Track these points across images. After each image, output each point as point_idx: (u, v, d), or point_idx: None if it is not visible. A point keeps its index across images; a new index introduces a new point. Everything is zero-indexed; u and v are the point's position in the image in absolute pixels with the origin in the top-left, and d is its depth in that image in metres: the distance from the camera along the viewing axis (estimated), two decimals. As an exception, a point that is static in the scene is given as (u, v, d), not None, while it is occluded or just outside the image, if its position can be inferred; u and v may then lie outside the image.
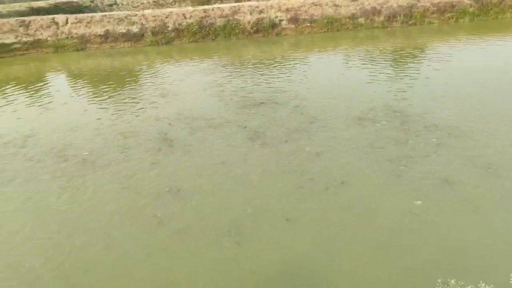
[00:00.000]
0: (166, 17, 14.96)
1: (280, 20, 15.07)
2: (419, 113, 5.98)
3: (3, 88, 9.69)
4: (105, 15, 15.34)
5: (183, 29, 14.69)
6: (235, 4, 15.91)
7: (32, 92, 9.18)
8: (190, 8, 15.83)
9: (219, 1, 22.94)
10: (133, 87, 8.96)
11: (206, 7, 15.98)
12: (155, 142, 5.62)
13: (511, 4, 15.42)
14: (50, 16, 15.43)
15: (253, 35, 14.84)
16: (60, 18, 15.19)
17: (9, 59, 13.77)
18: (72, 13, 19.27)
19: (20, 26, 14.60)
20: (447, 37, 12.71)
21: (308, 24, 15.05)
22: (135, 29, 14.71)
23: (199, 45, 14.29)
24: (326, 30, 14.96)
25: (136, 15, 15.14)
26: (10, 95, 8.98)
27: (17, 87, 9.82)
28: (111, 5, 23.73)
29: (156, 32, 14.58)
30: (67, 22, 14.91)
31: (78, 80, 10.24)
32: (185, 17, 14.95)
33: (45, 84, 10.16)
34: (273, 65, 10.15)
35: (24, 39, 14.40)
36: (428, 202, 3.94)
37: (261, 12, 15.19)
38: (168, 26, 14.76)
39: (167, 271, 3.28)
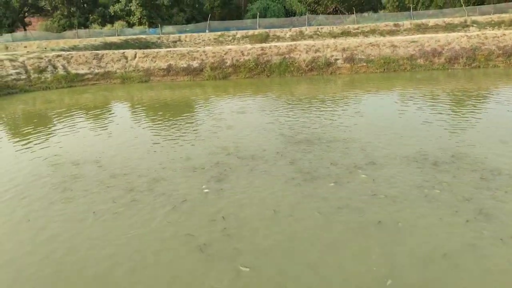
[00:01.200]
0: (225, 54, 15.72)
1: (336, 59, 15.21)
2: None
3: (74, 113, 10.58)
4: (170, 50, 16.47)
5: (240, 65, 15.30)
6: (292, 43, 16.39)
7: (99, 118, 9.92)
8: (249, 46, 16.54)
9: (275, 40, 23.77)
10: (189, 117, 9.38)
11: (263, 45, 16.62)
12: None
13: None
14: (121, 51, 16.86)
15: (308, 73, 15.07)
16: (129, 52, 16.54)
17: (81, 87, 15.08)
18: (140, 48, 20.91)
19: (93, 59, 16.06)
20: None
21: (364, 64, 15.03)
22: (195, 64, 15.58)
23: (254, 80, 14.75)
24: (383, 70, 14.82)
25: (197, 51, 16.08)
26: (79, 120, 9.77)
27: (85, 112, 10.68)
28: (175, 41, 25.45)
29: (214, 67, 15.32)
30: (135, 57, 16.17)
31: (138, 110, 10.93)
32: (242, 54, 15.61)
33: (108, 113, 10.95)
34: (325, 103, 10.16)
35: (96, 71, 15.77)
36: None
37: (317, 51, 15.47)
38: (226, 62, 15.47)
39: None
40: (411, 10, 31.17)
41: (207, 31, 30.17)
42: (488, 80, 12.63)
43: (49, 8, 45.95)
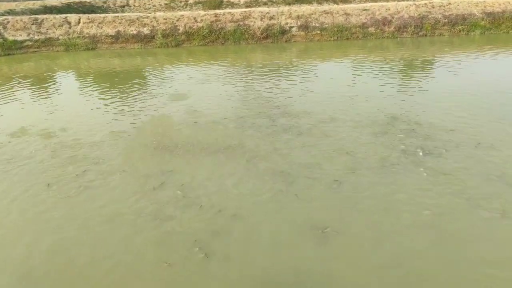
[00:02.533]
0: (177, 20, 15.12)
1: (291, 27, 15.15)
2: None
3: (12, 84, 9.85)
4: (117, 16, 15.55)
5: (193, 33, 14.83)
6: (246, 10, 16.05)
7: (40, 89, 9.32)
8: (202, 12, 15.99)
9: (229, 7, 23.14)
10: (139, 87, 9.08)
11: (217, 11, 16.13)
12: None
13: (523, 19, 15.38)
14: (63, 15, 15.67)
15: (262, 41, 14.93)
16: (72, 17, 15.42)
17: (20, 56, 13.98)
18: (84, 13, 19.54)
19: (32, 24, 14.84)
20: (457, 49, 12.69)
21: (318, 32, 15.11)
22: (146, 30, 14.87)
23: (208, 48, 14.41)
24: (336, 38, 15.00)
25: (147, 17, 15.32)
26: (17, 91, 9.13)
27: (24, 83, 9.97)
28: (123, 6, 24.02)
29: (166, 34, 14.73)
30: (79, 22, 15.13)
31: (86, 79, 10.38)
32: (196, 21, 15.10)
33: (51, 82, 10.31)
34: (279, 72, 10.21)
35: (36, 37, 14.63)
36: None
37: (271, 18, 15.29)
38: (179, 29, 14.91)
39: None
40: (364, -23, 31.38)
41: (157, -5, 28.65)
42: (434, 49, 13.22)
43: (-23, -34, 41.24)
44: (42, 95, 8.82)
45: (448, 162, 4.88)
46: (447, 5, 15.82)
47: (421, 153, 5.11)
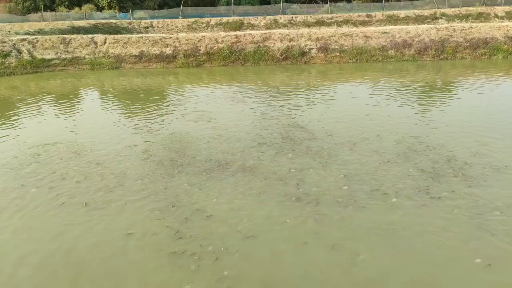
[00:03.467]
0: (199, 41, 15.48)
1: (310, 49, 15.29)
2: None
3: (38, 99, 10.18)
4: (141, 36, 16.03)
5: (214, 53, 15.12)
6: (266, 31, 16.32)
7: (66, 105, 9.59)
8: (222, 33, 16.33)
9: (250, 28, 23.59)
10: (159, 105, 9.23)
11: (237, 33, 16.45)
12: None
13: (548, 43, 15.10)
14: (90, 36, 16.27)
15: (282, 62, 15.08)
16: (99, 37, 15.99)
17: (47, 73, 14.49)
18: (110, 33, 20.25)
19: (61, 44, 15.44)
20: (479, 73, 12.50)
21: (338, 54, 15.18)
22: (168, 51, 15.26)
23: (228, 68, 14.63)
24: (355, 60, 15.03)
25: (170, 38, 15.75)
26: (43, 106, 9.42)
27: (49, 99, 10.29)
28: (147, 27, 24.80)
29: (188, 54, 15.06)
30: (105, 42, 15.66)
31: (108, 97, 10.64)
32: (217, 42, 15.42)
33: (76, 100, 10.61)
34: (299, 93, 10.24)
35: (64, 56, 15.17)
36: None
37: (291, 40, 15.48)
38: (200, 50, 15.24)
39: None
40: (383, 1, 31.64)
41: (180, 17, 29.54)
42: (455, 72, 13.06)
43: (12, -11, 43.52)
44: (66, 111, 9.06)
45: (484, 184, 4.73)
46: (468, 28, 15.71)
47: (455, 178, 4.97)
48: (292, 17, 25.01)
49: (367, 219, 4.20)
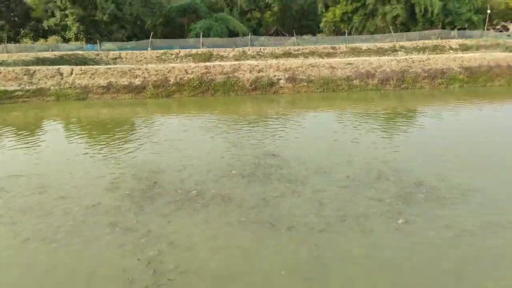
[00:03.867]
0: (168, 72, 15.51)
1: (279, 79, 15.65)
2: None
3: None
4: (110, 67, 15.89)
5: (184, 84, 15.16)
6: (236, 62, 16.62)
7: (26, 138, 9.22)
8: (192, 64, 16.49)
9: (219, 59, 23.95)
10: (126, 136, 9.05)
11: (207, 64, 16.67)
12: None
13: (498, 73, 16.24)
14: (56, 67, 15.95)
15: (252, 92, 15.31)
16: (65, 69, 15.70)
17: (9, 105, 13.97)
18: (77, 64, 19.94)
19: (24, 75, 15.02)
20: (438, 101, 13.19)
21: (305, 84, 15.62)
22: (137, 81, 15.16)
23: (199, 99, 14.67)
24: (322, 90, 15.50)
25: (139, 68, 15.70)
26: (3, 140, 9.01)
27: (12, 132, 9.87)
28: (115, 58, 24.64)
29: (157, 85, 15.02)
30: (71, 73, 15.38)
31: (74, 128, 10.35)
32: (186, 72, 15.50)
33: (40, 131, 10.24)
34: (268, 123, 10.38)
35: (27, 87, 14.73)
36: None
37: (260, 71, 15.82)
38: (170, 80, 15.24)
39: None
40: (346, 34, 33.23)
41: (149, 48, 29.63)
42: (416, 100, 13.72)
43: (-27, 20, 42.42)
44: (28, 143, 8.69)
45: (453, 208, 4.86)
46: (426, 60, 16.68)
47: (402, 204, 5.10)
48: (260, 49, 25.67)
49: (341, 245, 4.20)
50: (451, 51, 24.65)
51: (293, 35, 33.58)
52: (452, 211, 4.87)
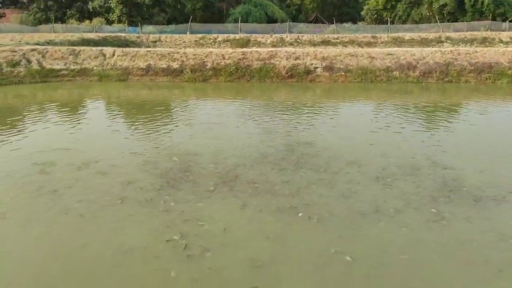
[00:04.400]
0: (206, 56, 15.63)
1: (315, 67, 15.39)
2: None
3: (44, 108, 10.24)
4: (149, 50, 16.23)
5: (220, 69, 15.24)
6: (273, 49, 16.48)
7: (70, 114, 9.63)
8: (229, 50, 16.51)
9: (256, 46, 23.83)
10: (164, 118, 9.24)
11: (244, 49, 16.63)
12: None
13: (552, 69, 15.15)
14: (99, 48, 16.48)
15: (287, 80, 15.16)
16: (107, 50, 16.19)
17: (55, 83, 14.61)
18: (119, 46, 20.47)
19: (70, 55, 15.62)
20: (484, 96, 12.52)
21: (343, 73, 15.26)
22: (175, 65, 15.39)
23: (234, 84, 14.72)
24: (360, 80, 15.09)
25: (178, 52, 15.92)
26: (49, 115, 9.46)
27: (57, 109, 10.34)
28: (155, 41, 25.10)
29: (195, 69, 15.19)
30: (114, 55, 15.84)
31: (113, 107, 10.69)
32: (223, 58, 15.57)
33: (82, 109, 10.66)
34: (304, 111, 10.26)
35: (72, 67, 15.33)
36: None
37: (297, 58, 15.61)
38: (207, 65, 15.37)
39: None
40: (389, 23, 32.00)
41: (188, 32, 29.92)
42: (460, 94, 13.09)
43: (25, 1, 44.42)
44: (71, 120, 9.08)
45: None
46: (473, 53, 15.81)
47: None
48: (299, 36, 25.30)
49: (373, 239, 4.12)
50: (501, 44, 23.19)
51: (332, 23, 32.74)
52: (494, 212, 4.64)
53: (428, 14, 38.49)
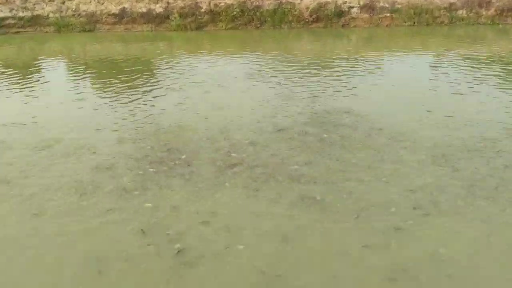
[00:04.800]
0: (200, -4, 15.44)
1: (350, 7, 15.14)
2: None
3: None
4: (123, -12, 16.04)
5: (220, 12, 15.05)
6: (291, -17, 16.18)
7: (20, 80, 9.67)
8: (232, -14, 16.24)
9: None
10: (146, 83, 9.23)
11: (252, -15, 16.33)
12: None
13: None
14: (55, -13, 16.34)
15: (311, 25, 14.97)
16: (66, -11, 16.05)
17: (0, 37, 14.62)
18: (82, -16, 20.25)
19: (17, -3, 15.54)
20: None
21: (388, 14, 15.03)
22: (158, 8, 15.24)
23: (239, 33, 14.58)
24: (412, 23, 14.88)
25: (161, -10, 15.73)
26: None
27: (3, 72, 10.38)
28: (130, -23, 24.79)
29: (185, 13, 15.03)
30: (75, -4, 15.72)
31: (78, 68, 10.68)
32: (224, -3, 15.37)
33: (37, 71, 10.68)
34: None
35: (21, 14, 15.26)
36: None
37: (324, -5, 15.36)
38: (201, 7, 15.18)
39: None
40: None
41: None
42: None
43: None
44: (23, 86, 9.12)
45: None
46: None
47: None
48: (326, -36, 24.80)
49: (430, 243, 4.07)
50: None
51: None
52: None
53: None
